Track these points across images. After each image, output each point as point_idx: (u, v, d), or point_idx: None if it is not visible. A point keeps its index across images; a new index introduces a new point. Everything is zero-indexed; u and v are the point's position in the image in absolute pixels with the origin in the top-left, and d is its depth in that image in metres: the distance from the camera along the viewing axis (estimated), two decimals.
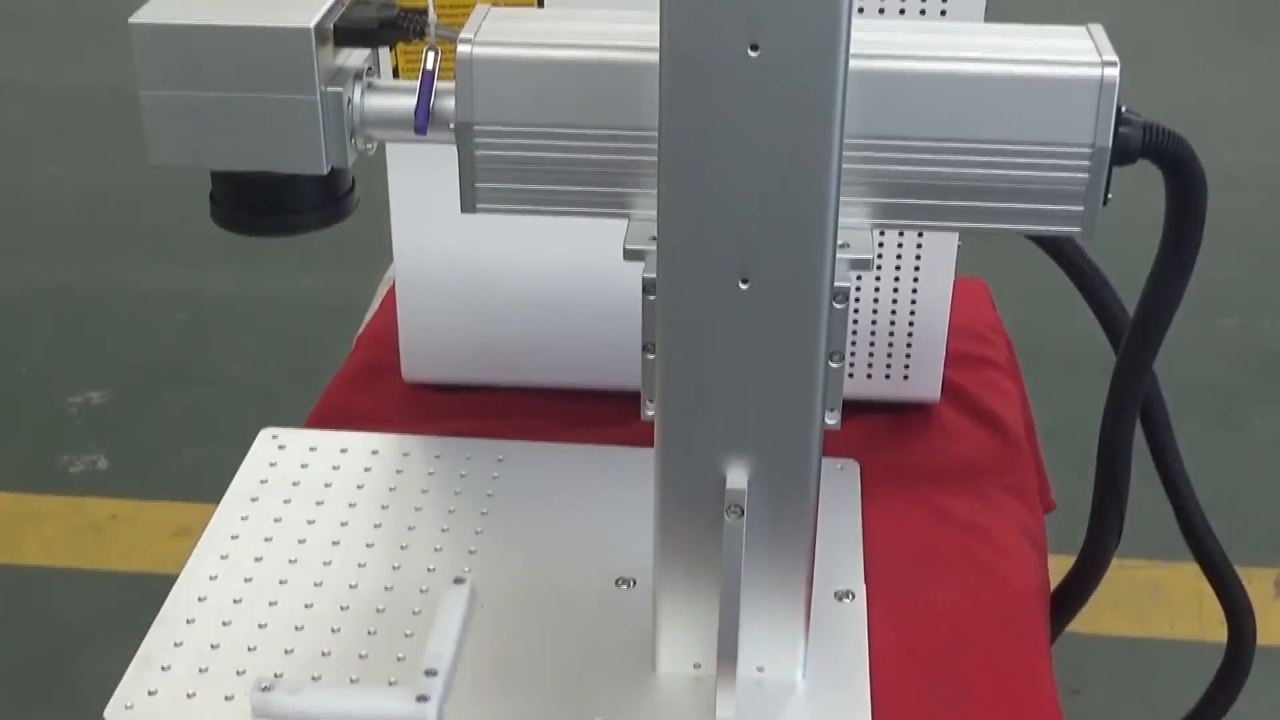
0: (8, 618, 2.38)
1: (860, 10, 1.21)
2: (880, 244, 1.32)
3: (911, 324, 1.36)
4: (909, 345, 1.38)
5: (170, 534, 2.52)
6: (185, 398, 2.89)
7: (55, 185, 3.59)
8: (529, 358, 1.41)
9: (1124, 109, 0.95)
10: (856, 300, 1.36)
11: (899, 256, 1.34)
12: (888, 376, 1.39)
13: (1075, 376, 2.39)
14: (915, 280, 1.35)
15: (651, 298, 0.94)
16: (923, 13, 1.22)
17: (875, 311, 1.37)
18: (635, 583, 1.15)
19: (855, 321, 1.37)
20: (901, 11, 1.22)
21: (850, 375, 1.38)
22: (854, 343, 1.38)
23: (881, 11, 1.22)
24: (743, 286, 0.92)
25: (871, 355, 1.38)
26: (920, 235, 1.33)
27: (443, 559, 1.19)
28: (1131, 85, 0.96)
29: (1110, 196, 0.96)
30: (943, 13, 1.22)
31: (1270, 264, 3.32)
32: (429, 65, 0.99)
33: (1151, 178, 1.03)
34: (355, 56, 1.01)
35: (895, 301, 1.36)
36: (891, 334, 1.37)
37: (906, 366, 1.39)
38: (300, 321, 3.09)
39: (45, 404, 2.87)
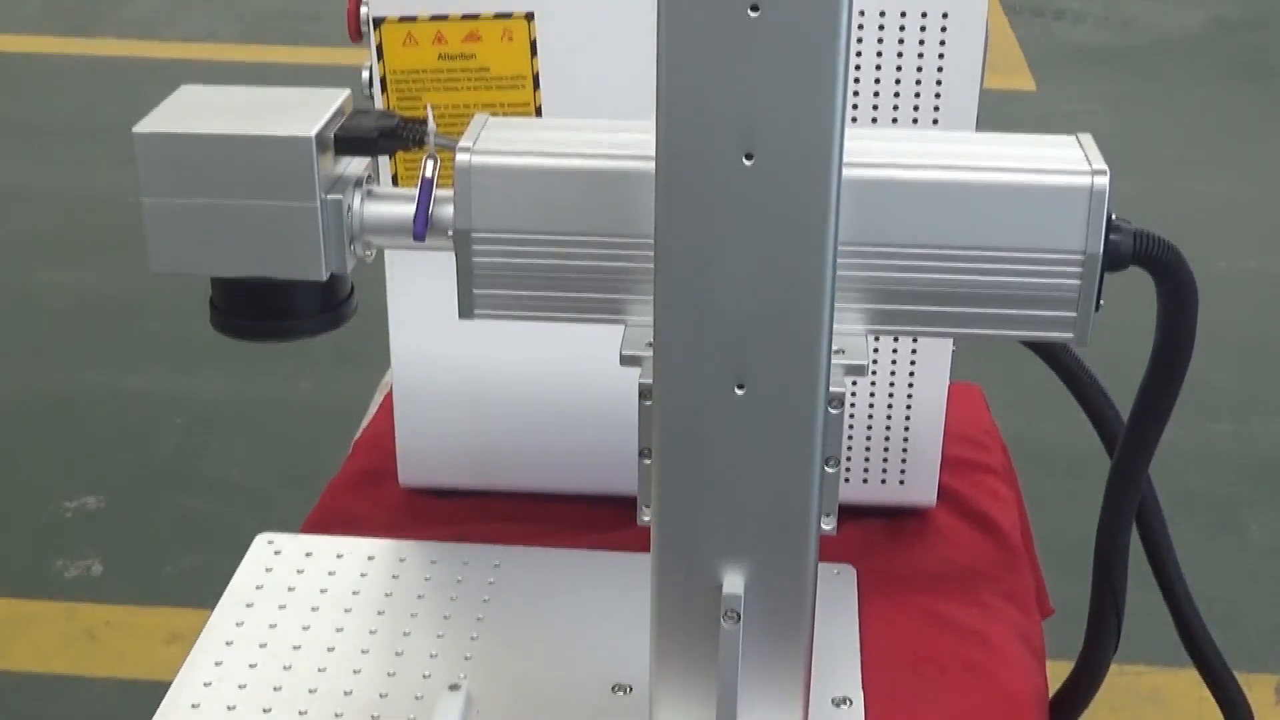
0: None
1: (853, 119, 1.23)
2: (875, 349, 1.33)
3: (907, 429, 1.37)
4: (904, 450, 1.38)
5: (164, 640, 2.50)
6: (181, 502, 2.88)
7: (54, 290, 3.60)
8: (526, 463, 1.41)
9: (1114, 216, 0.96)
10: (852, 405, 1.36)
11: (894, 362, 1.34)
12: (883, 481, 1.40)
13: (1071, 481, 2.39)
14: (910, 385, 1.35)
15: (648, 403, 0.95)
16: (915, 121, 1.24)
17: (870, 416, 1.37)
18: (632, 689, 1.14)
19: (850, 426, 1.37)
20: (894, 120, 1.24)
21: (846, 480, 1.38)
22: (849, 448, 1.38)
23: (874, 120, 1.24)
24: (738, 392, 0.92)
25: (867, 460, 1.39)
26: (915, 341, 1.33)
27: (438, 665, 1.18)
28: (1121, 192, 0.97)
29: (1102, 303, 0.97)
30: (935, 121, 1.23)
31: (1263, 368, 3.33)
32: (428, 173, 1.00)
33: (1144, 282, 1.04)
34: (355, 164, 1.03)
35: (890, 407, 1.36)
36: (887, 439, 1.37)
37: (902, 471, 1.39)
38: (297, 426, 3.09)
39: (41, 508, 2.86)
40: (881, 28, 1.21)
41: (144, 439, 3.08)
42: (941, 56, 1.21)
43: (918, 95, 1.23)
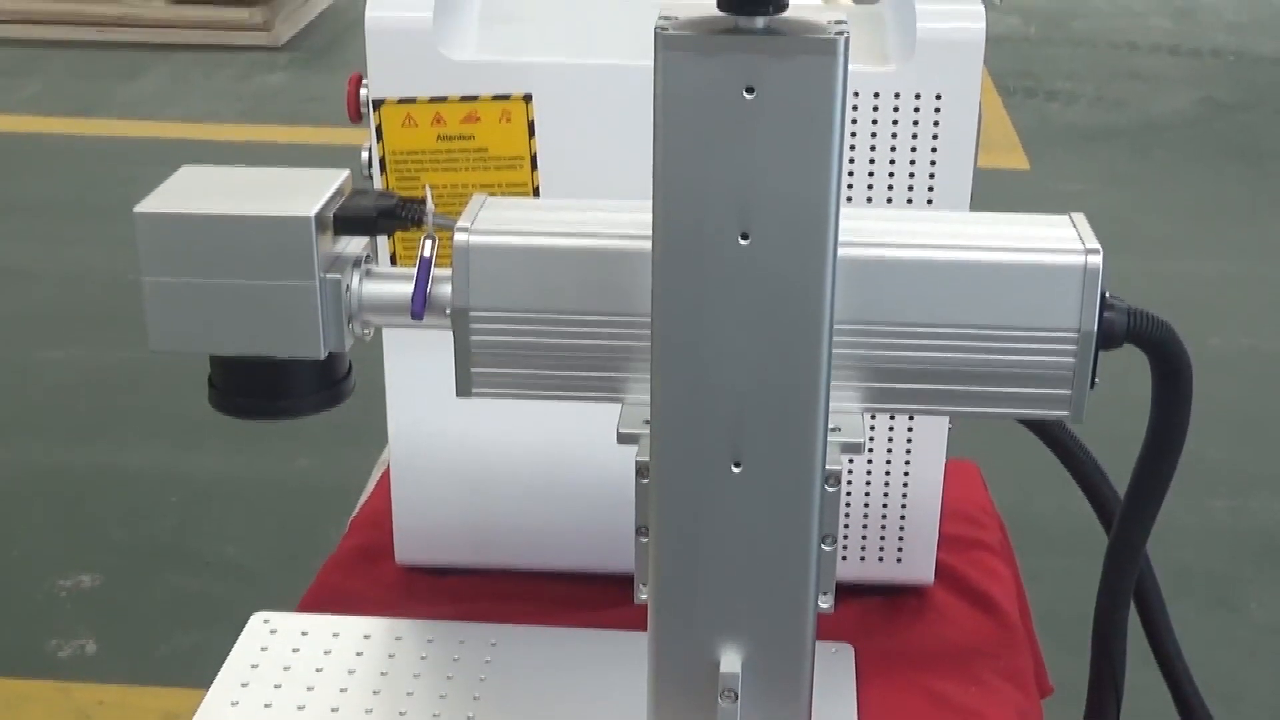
0: None
1: (848, 199, 1.24)
2: (871, 427, 1.33)
3: (904, 506, 1.37)
4: (901, 528, 1.38)
5: None
6: (177, 581, 2.87)
7: (51, 368, 3.61)
8: (523, 541, 1.41)
9: (1108, 295, 0.97)
10: (848, 483, 1.36)
11: (890, 440, 1.35)
12: (880, 559, 1.39)
13: (1069, 558, 2.38)
14: (907, 463, 1.35)
15: (645, 481, 0.95)
16: (910, 201, 1.25)
17: (867, 494, 1.37)
18: None
19: (847, 504, 1.37)
20: (889, 200, 1.25)
21: (843, 558, 1.38)
22: (846, 525, 1.38)
23: (869, 200, 1.25)
24: (735, 470, 0.92)
25: (864, 538, 1.39)
26: (911, 419, 1.34)
27: None
28: (1114, 270, 0.98)
29: (1097, 380, 0.97)
30: (929, 201, 1.24)
31: (1259, 445, 3.33)
32: (426, 253, 1.01)
33: (1140, 359, 1.04)
34: (354, 244, 1.03)
35: (887, 484, 1.36)
36: (884, 517, 1.37)
37: (899, 549, 1.39)
38: (294, 504, 3.08)
39: (35, 587, 2.85)
40: (875, 109, 1.22)
41: (140, 516, 3.07)
42: (935, 138, 1.22)
43: (912, 175, 1.24)
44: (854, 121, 1.22)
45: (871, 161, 1.24)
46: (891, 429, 1.34)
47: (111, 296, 3.74)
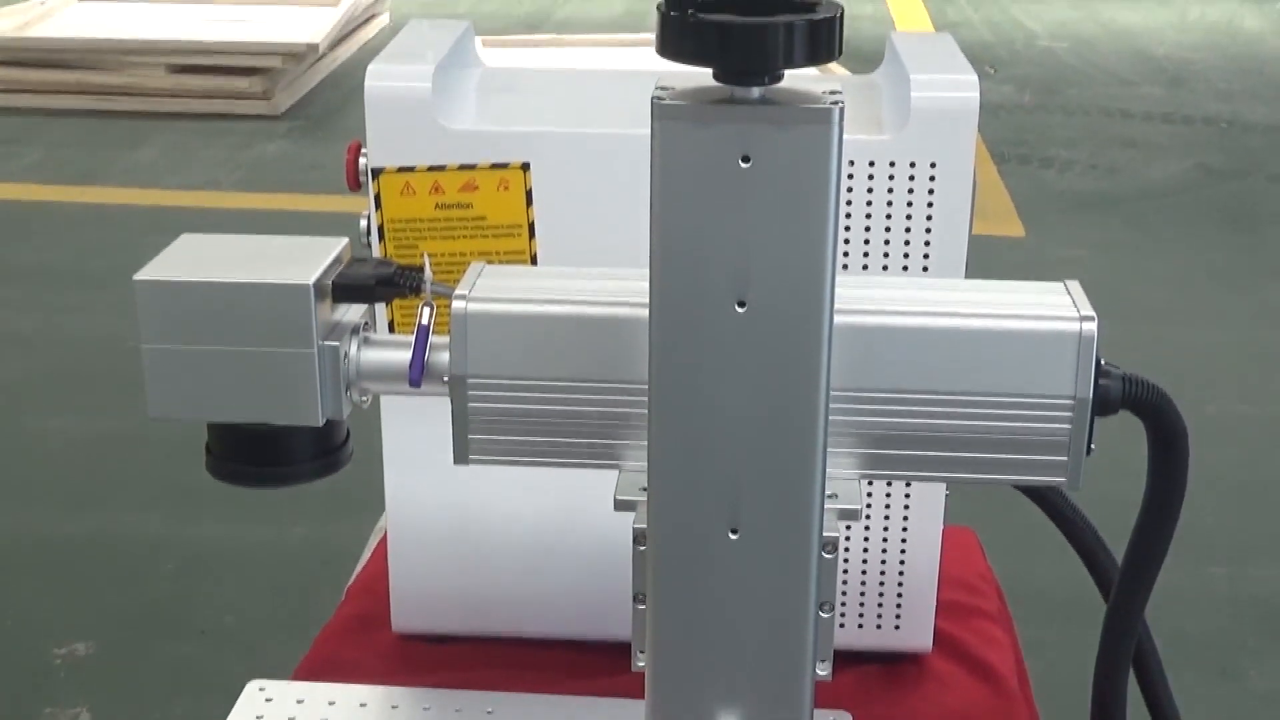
0: None
1: (844, 266, 1.25)
2: (868, 494, 1.33)
3: (901, 573, 1.37)
4: (899, 595, 1.37)
5: None
6: (172, 649, 2.85)
7: (47, 435, 3.60)
8: (520, 608, 1.40)
9: (1103, 362, 0.97)
10: (846, 550, 1.36)
11: (887, 506, 1.35)
12: (878, 626, 1.39)
13: (1067, 624, 2.37)
14: (904, 530, 1.35)
15: (642, 548, 0.95)
16: (905, 269, 1.25)
17: (865, 561, 1.37)
18: None
19: (845, 571, 1.37)
20: (884, 268, 1.25)
21: (841, 625, 1.38)
22: (844, 593, 1.38)
23: (865, 267, 1.25)
24: (732, 537, 0.92)
25: (862, 605, 1.38)
26: (908, 485, 1.34)
27: None
28: (1109, 337, 0.98)
29: (1093, 447, 0.98)
30: (925, 269, 1.25)
31: (1257, 512, 3.33)
32: (424, 320, 1.01)
33: (1137, 424, 1.04)
34: (352, 311, 1.04)
35: (885, 551, 1.36)
36: (881, 584, 1.37)
37: (897, 616, 1.39)
38: (290, 572, 3.07)
39: (29, 655, 2.83)
40: (871, 177, 1.23)
41: (135, 584, 3.06)
42: (930, 205, 1.23)
43: (907, 243, 1.25)
44: (850, 189, 1.23)
45: (867, 229, 1.24)
46: (889, 496, 1.34)
47: (109, 364, 3.74)
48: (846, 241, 1.24)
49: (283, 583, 3.04)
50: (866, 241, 1.25)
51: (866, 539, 1.36)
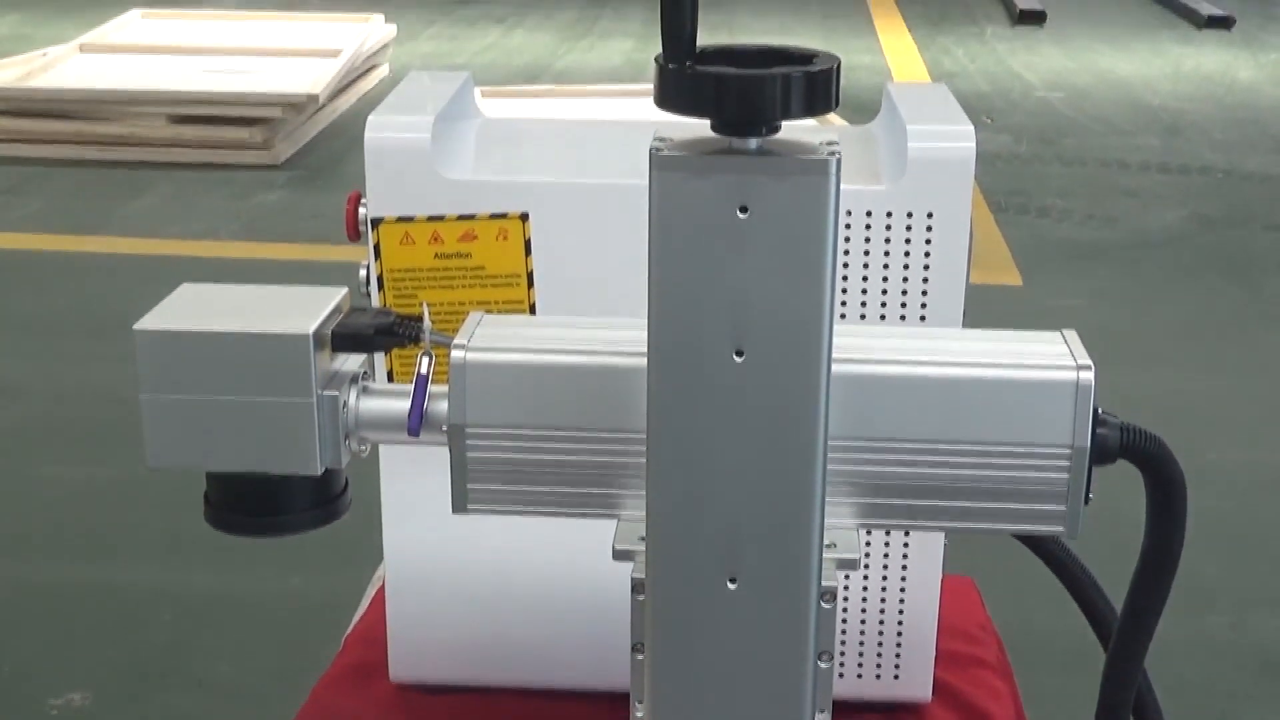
0: None
1: (842, 315, 1.25)
2: (867, 543, 1.33)
3: (900, 623, 1.36)
4: (898, 645, 1.37)
5: None
6: (169, 699, 2.84)
7: (44, 485, 3.60)
8: (518, 658, 1.40)
9: (1101, 410, 0.97)
10: (844, 600, 1.36)
11: (886, 556, 1.35)
12: (878, 676, 1.39)
13: (1066, 674, 2.36)
14: (903, 579, 1.35)
15: (640, 598, 0.95)
16: (903, 318, 1.26)
17: (864, 611, 1.37)
18: None
19: (844, 621, 1.37)
20: (882, 317, 1.26)
21: (840, 675, 1.37)
22: (843, 643, 1.37)
23: (863, 317, 1.26)
24: (731, 586, 0.92)
25: (861, 655, 1.38)
26: (906, 534, 1.34)
27: None
28: (1107, 386, 0.98)
29: (1091, 496, 0.98)
30: (922, 318, 1.26)
31: (1257, 560, 3.32)
32: (423, 370, 1.01)
33: (1135, 472, 1.04)
34: (351, 360, 1.04)
35: (883, 601, 1.36)
36: (880, 633, 1.37)
37: (896, 666, 1.38)
38: (288, 621, 3.06)
39: (26, 706, 2.82)
40: (868, 227, 1.24)
41: (133, 634, 3.05)
42: (927, 255, 1.24)
43: (905, 292, 1.25)
44: (847, 239, 1.23)
45: (864, 279, 1.25)
46: (887, 545, 1.34)
47: (107, 413, 3.74)
48: (844, 291, 1.25)
49: (281, 632, 3.03)
50: (864, 291, 1.25)
51: (865, 588, 1.36)
